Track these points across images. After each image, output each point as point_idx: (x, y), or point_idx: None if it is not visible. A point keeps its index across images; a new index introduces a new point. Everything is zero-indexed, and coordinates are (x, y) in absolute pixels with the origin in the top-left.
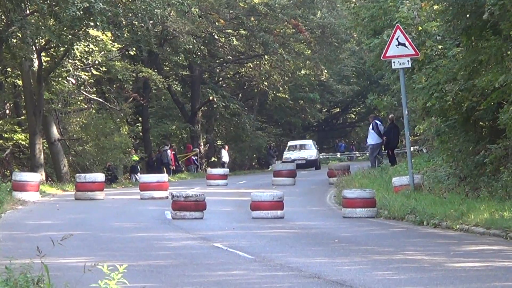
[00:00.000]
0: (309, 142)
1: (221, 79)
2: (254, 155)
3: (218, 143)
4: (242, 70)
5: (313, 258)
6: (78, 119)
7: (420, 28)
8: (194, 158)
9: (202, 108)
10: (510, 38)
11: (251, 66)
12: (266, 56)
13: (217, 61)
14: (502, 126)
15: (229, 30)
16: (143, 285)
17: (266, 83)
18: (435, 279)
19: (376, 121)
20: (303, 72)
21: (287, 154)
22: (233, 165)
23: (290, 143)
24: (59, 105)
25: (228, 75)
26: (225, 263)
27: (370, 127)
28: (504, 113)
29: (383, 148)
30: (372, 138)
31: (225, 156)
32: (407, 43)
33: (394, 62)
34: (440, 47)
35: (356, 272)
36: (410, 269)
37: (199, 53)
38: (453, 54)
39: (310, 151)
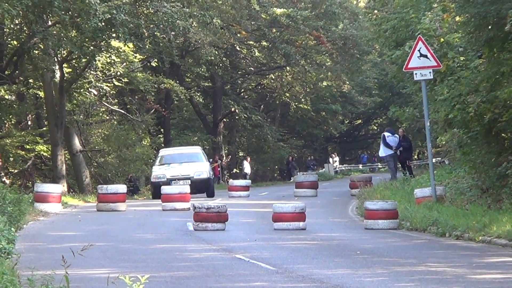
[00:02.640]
0: (195, 150)
1: (243, 90)
2: (276, 167)
3: (240, 155)
4: (264, 82)
5: (335, 269)
6: (100, 130)
7: (442, 39)
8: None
9: (224, 119)
10: None
11: (273, 77)
12: (288, 68)
13: (239, 72)
14: None
15: (251, 42)
16: None
17: (288, 95)
18: None
19: (385, 133)
20: (325, 83)
21: (158, 170)
22: (255, 176)
23: (163, 151)
24: (81, 116)
25: (250, 87)
26: (247, 275)
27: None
28: None
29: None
30: (383, 150)
31: (247, 167)
32: (429, 55)
33: (416, 73)
34: (462, 58)
35: (378, 283)
36: (432, 281)
37: (221, 65)
38: (475, 65)
39: (197, 164)
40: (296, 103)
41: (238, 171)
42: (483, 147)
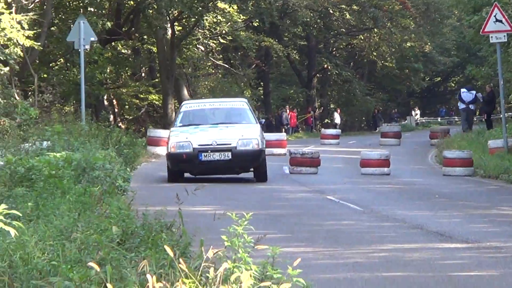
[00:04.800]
0: (239, 104)
1: (334, 49)
2: (363, 118)
3: (331, 107)
4: (353, 42)
5: (416, 211)
6: (206, 83)
7: None
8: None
9: (317, 75)
10: None
11: (362, 38)
12: (375, 30)
13: (331, 33)
14: None
15: (342, 6)
16: (265, 232)
17: (375, 54)
18: None
19: (461, 89)
20: (408, 44)
21: (180, 135)
22: (344, 127)
23: (187, 105)
24: (189, 69)
25: (341, 46)
26: (336, 214)
27: None
28: None
29: (477, 113)
30: (459, 105)
31: (337, 118)
32: (504, 20)
33: (491, 36)
34: None
35: (455, 224)
36: (503, 223)
37: (315, 26)
38: None
39: (243, 128)
40: (382, 62)
41: (329, 121)
42: None
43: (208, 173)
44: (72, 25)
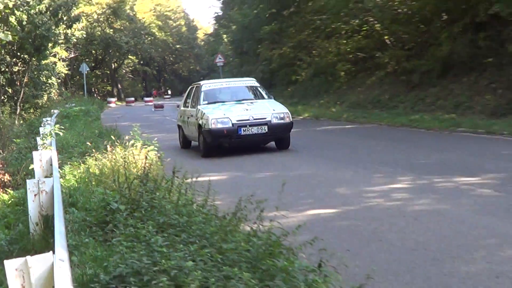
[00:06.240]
0: (251, 82)
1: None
2: None
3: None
4: (174, 66)
5: None
6: (126, 83)
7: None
8: None
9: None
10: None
11: (180, 66)
12: (180, 64)
13: (165, 63)
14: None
15: (172, 56)
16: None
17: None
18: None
19: None
20: (191, 67)
21: (217, 112)
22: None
23: (207, 85)
24: (121, 78)
25: (169, 68)
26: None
27: None
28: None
29: None
30: None
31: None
32: (221, 57)
33: (217, 63)
34: (230, 59)
35: None
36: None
37: (162, 60)
38: (237, 61)
39: (271, 104)
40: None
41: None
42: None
43: (244, 145)
44: (81, 64)
